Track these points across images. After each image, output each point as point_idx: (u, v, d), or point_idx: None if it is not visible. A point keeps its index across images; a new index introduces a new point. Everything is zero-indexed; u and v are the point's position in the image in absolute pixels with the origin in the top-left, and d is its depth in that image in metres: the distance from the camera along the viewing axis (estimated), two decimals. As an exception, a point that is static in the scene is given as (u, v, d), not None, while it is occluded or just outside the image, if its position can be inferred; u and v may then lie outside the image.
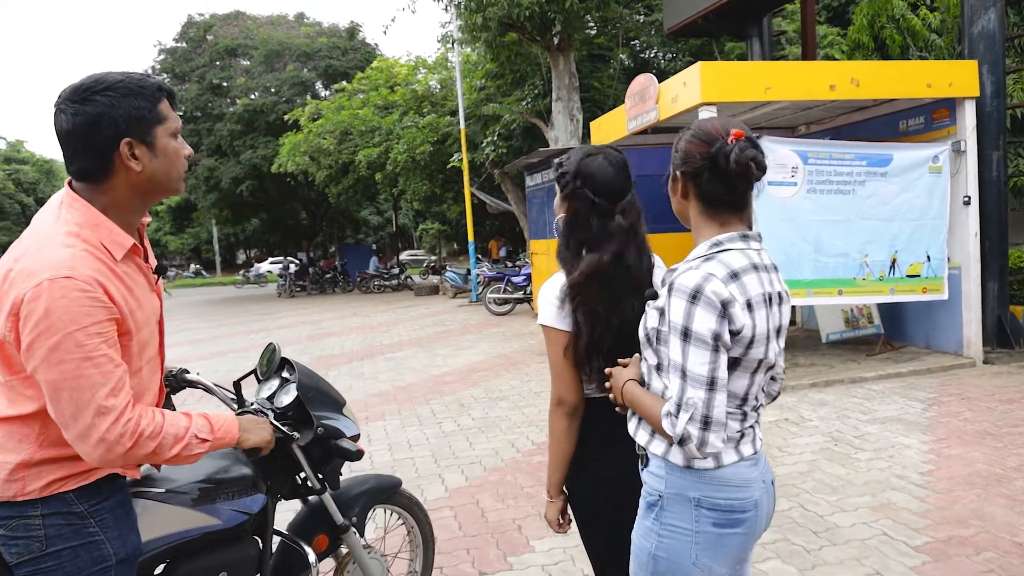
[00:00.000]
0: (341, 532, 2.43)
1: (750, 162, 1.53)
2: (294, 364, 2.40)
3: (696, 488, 1.58)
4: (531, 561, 3.52)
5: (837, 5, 18.06)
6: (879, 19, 11.63)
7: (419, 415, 6.59)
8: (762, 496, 1.63)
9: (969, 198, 7.10)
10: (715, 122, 1.62)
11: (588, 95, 16.76)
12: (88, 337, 1.49)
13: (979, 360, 7.15)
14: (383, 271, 25.86)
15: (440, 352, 10.25)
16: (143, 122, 1.59)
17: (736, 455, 1.60)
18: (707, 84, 6.43)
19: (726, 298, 1.49)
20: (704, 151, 1.58)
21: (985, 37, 7.26)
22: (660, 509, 1.62)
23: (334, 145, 21.25)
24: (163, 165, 1.65)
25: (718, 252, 1.58)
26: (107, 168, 1.59)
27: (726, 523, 1.57)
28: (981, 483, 4.13)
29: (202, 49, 30.88)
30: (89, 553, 1.62)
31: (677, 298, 1.52)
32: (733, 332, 1.51)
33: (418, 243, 52.40)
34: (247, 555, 2.14)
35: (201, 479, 2.03)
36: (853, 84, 6.72)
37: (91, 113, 1.55)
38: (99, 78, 1.60)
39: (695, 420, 1.48)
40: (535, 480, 4.63)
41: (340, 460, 2.39)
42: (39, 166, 62.26)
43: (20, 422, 1.59)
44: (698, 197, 1.64)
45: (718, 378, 1.49)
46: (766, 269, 1.62)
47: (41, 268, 1.48)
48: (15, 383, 1.58)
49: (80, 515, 1.62)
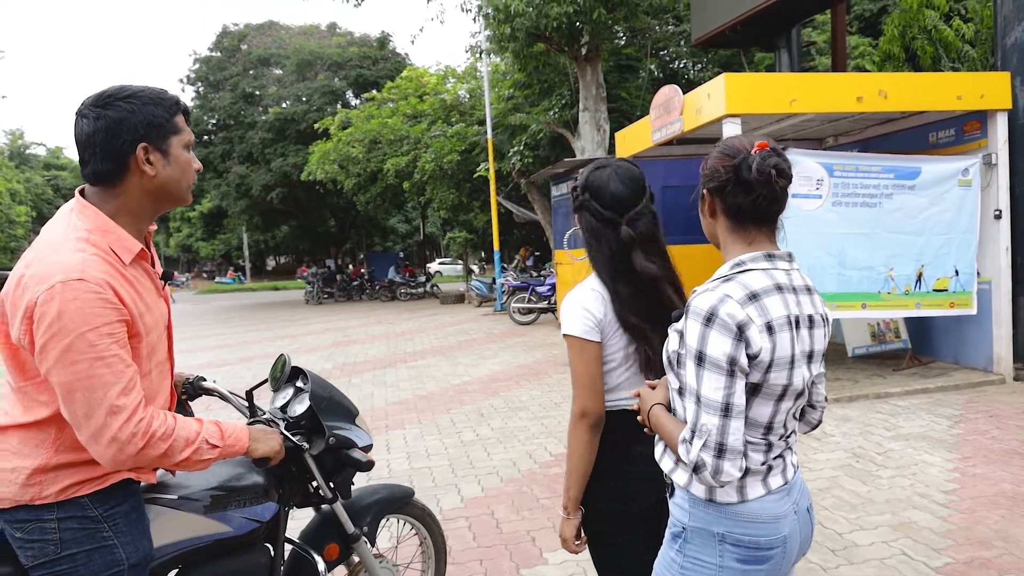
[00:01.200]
0: (352, 541, 2.44)
1: (771, 169, 1.50)
2: (308, 374, 2.43)
3: (720, 523, 1.54)
4: (544, 574, 3.52)
5: (869, 15, 17.85)
6: (911, 30, 11.45)
7: (439, 424, 6.62)
8: (792, 529, 1.57)
9: (1000, 212, 6.97)
10: (740, 138, 1.61)
11: (615, 105, 16.76)
12: (100, 337, 1.53)
13: (1009, 377, 7.00)
14: (408, 279, 26.00)
15: (462, 361, 10.28)
16: (160, 130, 1.67)
17: (763, 488, 1.55)
18: (731, 95, 6.40)
19: (742, 320, 1.45)
20: (728, 164, 1.56)
21: (1018, 49, 7.14)
22: (684, 541, 1.59)
23: (363, 153, 21.49)
24: (175, 173, 1.72)
25: (739, 272, 1.54)
26: (122, 171, 1.66)
27: (750, 559, 1.53)
28: (1006, 503, 4.04)
29: (236, 58, 31.46)
30: (102, 557, 1.66)
31: (693, 320, 1.49)
32: (750, 356, 1.46)
33: (446, 251, 52.62)
34: (258, 563, 2.16)
35: (213, 486, 2.05)
36: (881, 96, 6.65)
37: (113, 117, 1.63)
38: (122, 87, 1.68)
39: (709, 447, 1.44)
40: (551, 492, 4.63)
41: (352, 470, 2.42)
42: (77, 172, 63.84)
43: (36, 428, 1.63)
44: (724, 213, 1.61)
45: (733, 404, 1.44)
46: (795, 291, 1.56)
47: (53, 272, 1.53)
48: (29, 389, 1.63)
49: (94, 519, 1.65)
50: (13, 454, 1.63)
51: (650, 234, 1.95)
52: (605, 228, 1.95)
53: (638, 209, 1.94)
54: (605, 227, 1.95)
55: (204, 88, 31.41)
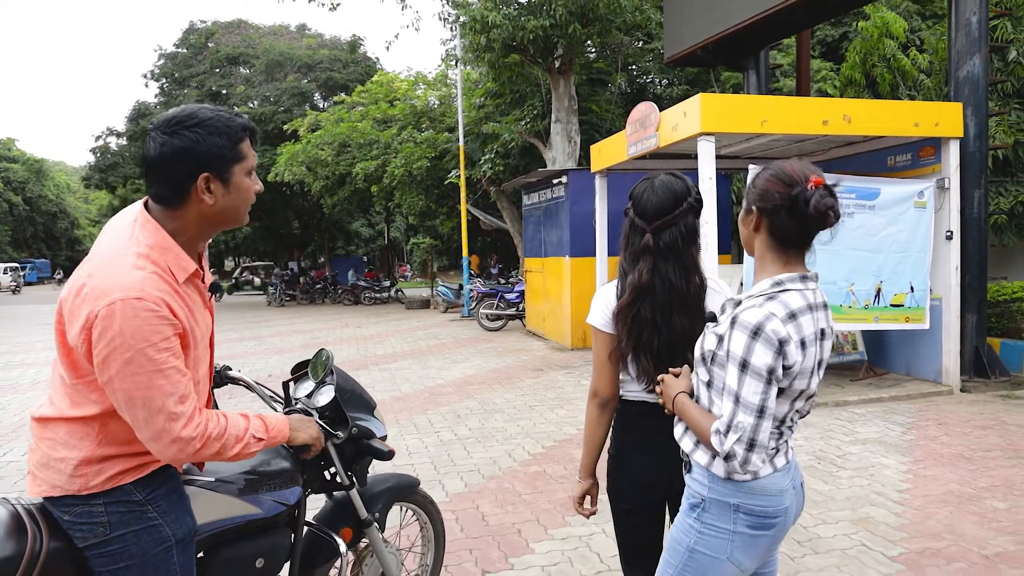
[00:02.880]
0: (365, 526, 2.60)
1: (828, 210, 1.66)
2: (332, 368, 2.59)
3: (736, 496, 1.75)
4: (531, 562, 3.72)
5: (831, 40, 18.55)
6: (871, 58, 12.03)
7: (416, 424, 6.77)
8: (792, 501, 1.81)
9: (951, 233, 7.42)
10: (796, 165, 1.73)
11: (586, 117, 17.11)
12: (158, 352, 1.63)
13: (957, 388, 7.44)
14: (373, 284, 25.97)
15: (434, 365, 10.44)
16: (223, 160, 1.72)
17: (771, 467, 1.77)
18: (707, 115, 6.73)
19: (784, 337, 1.64)
20: (784, 191, 1.70)
21: (970, 81, 7.63)
22: (702, 511, 1.79)
23: (332, 157, 21.48)
24: (234, 201, 1.79)
25: (780, 292, 1.71)
26: (183, 198, 1.73)
27: (759, 526, 1.76)
28: (954, 501, 4.39)
29: (203, 56, 31.12)
30: (150, 536, 1.78)
31: (739, 332, 1.66)
32: (786, 367, 1.66)
33: (408, 257, 52.53)
34: (281, 544, 2.31)
35: (247, 471, 2.20)
36: (845, 120, 7.04)
37: (177, 146, 1.68)
38: (191, 112, 1.73)
39: (742, 441, 1.65)
40: (532, 488, 4.83)
41: (369, 459, 2.58)
42: (29, 165, 62.07)
43: (82, 422, 1.73)
44: (770, 233, 1.76)
45: (767, 407, 1.65)
46: (818, 308, 1.75)
47: (113, 288, 1.60)
48: (80, 387, 1.72)
49: (139, 503, 1.77)
50: (60, 444, 1.73)
51: (673, 243, 2.07)
52: (634, 234, 2.14)
53: (666, 219, 2.07)
54: (634, 233, 2.14)
55: (168, 84, 31.04)
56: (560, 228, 12.16)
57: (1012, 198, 10.58)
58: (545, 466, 5.34)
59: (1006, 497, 4.45)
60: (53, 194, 65.78)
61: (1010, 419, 6.37)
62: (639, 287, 2.06)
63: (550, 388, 8.44)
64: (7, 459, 5.80)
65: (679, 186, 2.11)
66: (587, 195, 10.72)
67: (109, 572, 1.75)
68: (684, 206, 2.08)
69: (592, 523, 4.18)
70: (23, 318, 22.14)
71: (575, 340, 11.65)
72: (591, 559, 3.71)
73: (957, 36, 7.76)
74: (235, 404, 7.78)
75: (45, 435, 1.75)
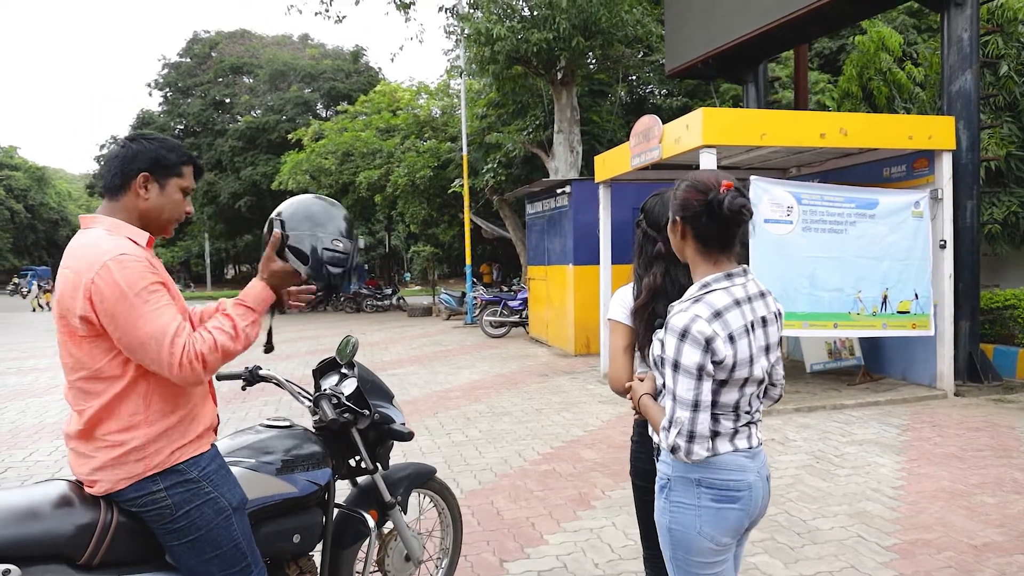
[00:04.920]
0: (389, 508, 2.83)
1: (741, 208, 1.84)
2: (353, 361, 2.83)
3: (696, 471, 1.89)
4: (546, 552, 3.94)
5: (828, 53, 18.87)
6: (867, 71, 12.31)
7: (428, 426, 6.99)
8: (756, 482, 1.93)
9: (945, 242, 7.66)
10: (707, 174, 1.91)
11: (587, 128, 17.40)
12: (150, 293, 1.89)
13: (950, 392, 7.68)
14: (374, 291, 26.14)
15: (441, 370, 10.66)
16: (164, 168, 2.06)
17: (731, 446, 1.90)
18: (708, 128, 6.98)
19: (709, 335, 1.79)
20: (700, 198, 1.87)
21: (962, 96, 7.90)
22: (669, 490, 1.95)
23: (335, 165, 21.74)
24: (161, 204, 2.07)
25: (705, 294, 1.87)
26: (125, 188, 2.03)
27: (723, 499, 1.88)
28: (945, 497, 4.62)
29: (207, 65, 31.47)
30: (211, 507, 2.01)
31: (670, 336, 1.84)
32: (716, 362, 1.80)
33: (409, 265, 52.74)
34: (315, 521, 2.56)
35: (282, 453, 2.45)
36: (842, 133, 7.30)
37: (134, 148, 2.05)
38: (154, 133, 2.17)
39: (682, 435, 1.81)
40: (544, 485, 5.06)
41: (390, 443, 2.83)
42: (31, 172, 62.29)
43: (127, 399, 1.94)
44: (694, 237, 1.93)
45: (701, 401, 1.80)
46: (750, 299, 1.90)
47: (98, 256, 1.88)
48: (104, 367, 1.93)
49: (194, 480, 2.00)
50: (114, 446, 1.93)
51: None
52: (646, 243, 2.39)
53: None
54: (647, 242, 2.39)
55: (172, 93, 31.38)
56: (563, 237, 12.40)
57: (1005, 208, 10.83)
58: (555, 465, 5.56)
59: (995, 493, 4.68)
60: (55, 202, 66.00)
61: (1001, 421, 6.61)
62: (654, 289, 2.31)
63: (555, 392, 8.66)
64: (34, 459, 6.00)
65: None
66: (590, 205, 10.96)
67: (181, 546, 1.98)
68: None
69: (603, 517, 4.42)
70: (34, 324, 22.32)
71: (578, 346, 11.87)
72: (603, 549, 3.93)
73: (949, 52, 8.03)
74: (264, 402, 8.01)
75: (98, 443, 1.95)
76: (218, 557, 2.01)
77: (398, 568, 2.96)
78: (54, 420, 7.49)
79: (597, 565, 3.73)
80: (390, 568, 2.95)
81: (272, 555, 2.46)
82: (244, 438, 2.50)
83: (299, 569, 2.54)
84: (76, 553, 1.88)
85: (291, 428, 2.60)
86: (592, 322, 11.01)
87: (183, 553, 1.99)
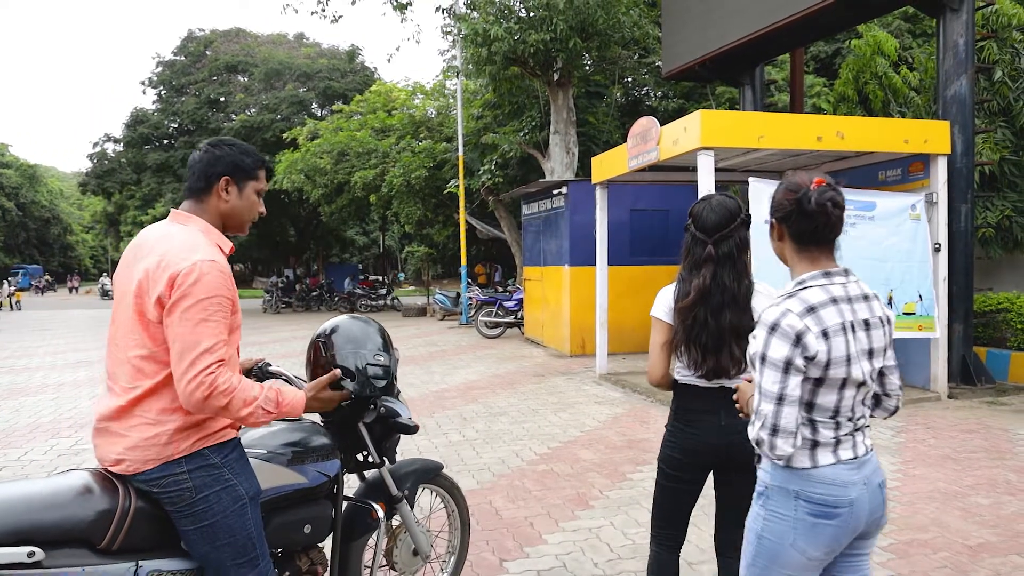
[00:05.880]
0: (396, 502, 2.86)
1: (827, 201, 1.85)
2: None
3: (795, 483, 1.85)
4: (545, 551, 3.95)
5: (824, 56, 18.95)
6: (863, 75, 12.39)
7: (425, 426, 6.99)
8: (861, 496, 1.85)
9: (939, 245, 7.72)
10: (802, 174, 1.92)
11: (583, 129, 17.42)
12: (212, 305, 1.98)
13: (944, 395, 7.73)
14: (368, 291, 26.12)
15: (437, 370, 10.66)
16: (243, 172, 2.21)
17: (833, 458, 1.85)
18: (706, 130, 7.02)
19: (800, 330, 1.77)
20: (791, 198, 1.89)
21: (957, 100, 7.96)
22: (766, 498, 1.91)
23: (330, 165, 21.71)
24: (241, 206, 2.24)
25: (800, 290, 1.86)
26: (208, 191, 2.19)
27: (820, 514, 1.82)
28: (940, 498, 4.66)
29: (201, 64, 31.35)
30: (228, 495, 2.08)
31: (760, 329, 1.84)
32: (808, 357, 1.77)
33: (403, 265, 52.75)
34: (325, 513, 2.60)
35: (293, 444, 2.50)
36: (838, 136, 7.34)
37: (216, 154, 2.19)
38: (232, 138, 2.28)
39: (765, 427, 1.78)
40: (542, 485, 5.07)
41: (396, 437, 2.85)
42: (22, 170, 62.07)
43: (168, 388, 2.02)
44: (790, 237, 1.94)
45: (787, 395, 1.77)
46: (850, 300, 1.87)
47: (194, 252, 2.01)
48: (159, 353, 2.03)
49: (216, 466, 2.08)
50: (152, 424, 2.02)
51: (729, 253, 2.43)
52: (695, 246, 2.48)
53: (724, 233, 2.43)
54: (695, 245, 2.48)
55: (167, 91, 31.24)
56: (560, 238, 12.42)
57: (998, 212, 10.92)
58: (552, 465, 5.58)
59: (989, 494, 4.73)
60: (46, 200, 65.74)
61: (994, 423, 6.66)
62: (703, 289, 2.41)
63: (552, 393, 8.68)
64: (28, 458, 5.98)
65: (732, 204, 2.49)
66: (586, 206, 10.98)
67: (197, 530, 2.05)
68: (738, 221, 2.45)
69: (601, 517, 4.44)
70: (25, 325, 22.24)
71: (574, 347, 11.90)
72: (601, 548, 3.95)
73: (945, 57, 8.09)
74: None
75: (133, 422, 2.03)
76: (230, 545, 2.08)
77: (406, 562, 2.99)
78: (48, 419, 7.46)
79: (596, 564, 3.74)
80: (398, 561, 2.98)
81: (283, 545, 2.50)
82: (256, 431, 2.54)
83: (310, 561, 2.58)
84: (96, 538, 1.96)
85: (300, 421, 2.64)
86: (588, 323, 11.02)
87: (197, 539, 2.06)
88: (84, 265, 76.10)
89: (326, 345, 2.50)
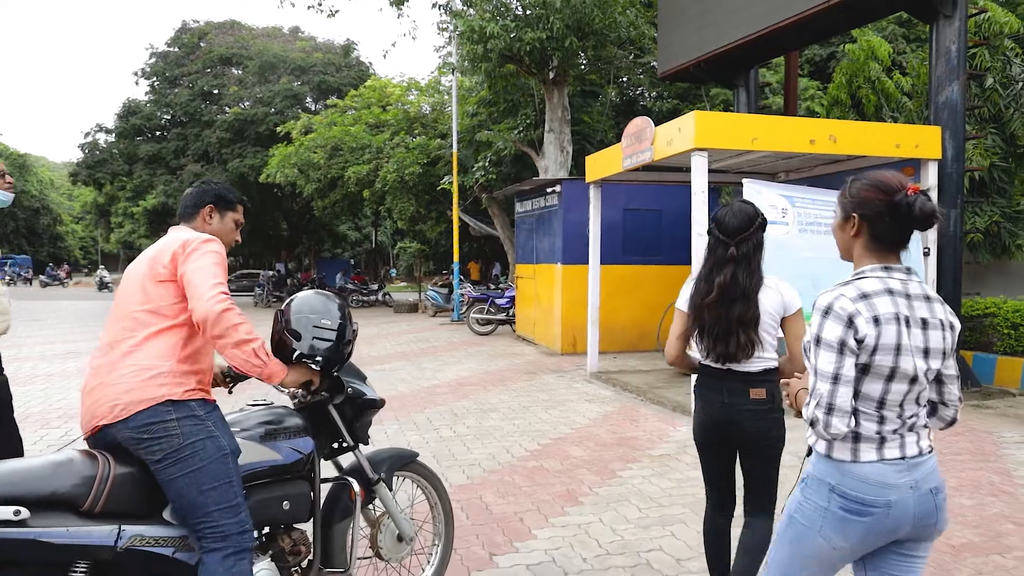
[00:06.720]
0: (373, 484, 2.94)
1: (933, 212, 1.83)
2: None
3: (833, 476, 1.89)
4: (535, 546, 3.98)
5: (818, 60, 19.04)
6: (856, 79, 12.47)
7: (416, 422, 7.02)
8: (904, 500, 1.84)
9: (928, 250, 7.79)
10: (889, 175, 1.90)
11: (578, 128, 17.45)
12: (219, 257, 2.42)
13: (932, 398, 7.78)
14: (360, 287, 26.09)
15: (428, 366, 10.68)
16: (224, 203, 2.70)
17: (876, 455, 1.86)
18: (700, 131, 7.05)
19: (852, 312, 1.82)
20: (884, 199, 1.87)
21: (948, 106, 8.03)
22: (806, 485, 1.97)
23: (324, 160, 21.66)
24: (222, 230, 2.69)
25: (856, 279, 1.91)
26: (196, 215, 2.66)
27: (852, 511, 1.86)
28: (926, 499, 4.71)
29: (195, 56, 31.18)
30: (212, 444, 2.31)
31: (815, 314, 1.89)
32: (858, 340, 1.81)
33: (395, 261, 52.65)
34: (302, 491, 2.69)
35: (265, 423, 2.62)
36: (831, 140, 7.40)
37: (203, 188, 2.71)
38: (216, 180, 2.80)
39: (821, 406, 1.81)
40: (531, 481, 5.10)
41: (368, 420, 2.95)
42: (13, 159, 61.61)
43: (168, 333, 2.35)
44: (871, 236, 1.92)
45: (841, 375, 1.81)
46: (908, 296, 1.88)
47: (192, 235, 2.47)
48: (164, 308, 2.37)
49: (201, 418, 2.33)
50: (146, 368, 2.29)
51: (747, 253, 2.74)
52: (718, 247, 2.79)
53: (744, 235, 2.75)
54: (718, 246, 2.79)
55: (160, 83, 31.04)
56: (553, 236, 12.46)
57: (987, 218, 11.02)
58: (542, 461, 5.61)
59: (972, 495, 4.79)
60: (36, 190, 65.29)
61: (980, 426, 6.74)
62: (724, 287, 2.72)
63: (543, 390, 8.72)
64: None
65: (751, 209, 2.81)
66: (580, 204, 11.02)
67: (184, 476, 2.25)
68: (756, 224, 2.77)
69: (590, 513, 4.47)
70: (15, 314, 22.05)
71: (565, 345, 11.94)
72: (590, 544, 3.99)
73: (937, 63, 8.16)
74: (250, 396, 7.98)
75: (130, 362, 2.30)
76: (215, 490, 2.27)
77: (391, 548, 3.04)
78: (38, 409, 7.45)
79: (585, 560, 3.78)
80: (383, 547, 3.02)
81: (265, 522, 2.60)
82: (230, 416, 2.65)
83: (292, 541, 2.67)
84: (79, 500, 2.12)
85: (271, 406, 2.76)
86: (579, 321, 11.05)
87: (184, 485, 2.24)
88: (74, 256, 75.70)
89: (283, 312, 2.66)
